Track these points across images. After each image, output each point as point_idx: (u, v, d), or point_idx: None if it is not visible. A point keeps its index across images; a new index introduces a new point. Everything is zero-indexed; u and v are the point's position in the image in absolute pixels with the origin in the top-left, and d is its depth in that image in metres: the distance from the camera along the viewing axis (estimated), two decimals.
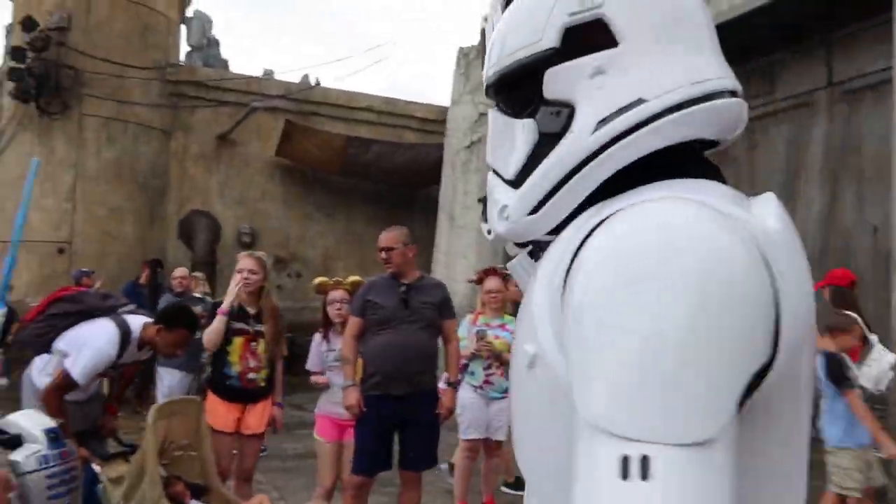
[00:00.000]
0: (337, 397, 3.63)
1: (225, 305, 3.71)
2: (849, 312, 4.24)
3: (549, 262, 0.77)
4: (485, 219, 0.92)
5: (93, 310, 3.49)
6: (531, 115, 0.83)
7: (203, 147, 12.37)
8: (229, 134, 12.22)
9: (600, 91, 0.79)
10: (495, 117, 0.89)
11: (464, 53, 11.36)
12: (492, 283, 4.14)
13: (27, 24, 10.29)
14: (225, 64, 14.06)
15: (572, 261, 0.70)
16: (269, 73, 13.67)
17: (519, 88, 0.84)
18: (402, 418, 3.39)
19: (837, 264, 5.59)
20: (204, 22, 13.97)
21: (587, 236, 0.70)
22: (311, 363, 3.85)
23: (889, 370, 4.19)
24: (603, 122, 0.77)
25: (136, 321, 3.42)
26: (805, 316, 0.67)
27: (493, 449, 4.02)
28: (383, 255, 3.66)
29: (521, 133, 0.84)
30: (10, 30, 26.66)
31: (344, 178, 12.99)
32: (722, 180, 0.80)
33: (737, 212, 0.68)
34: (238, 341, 3.72)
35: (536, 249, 0.89)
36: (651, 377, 0.58)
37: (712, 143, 0.87)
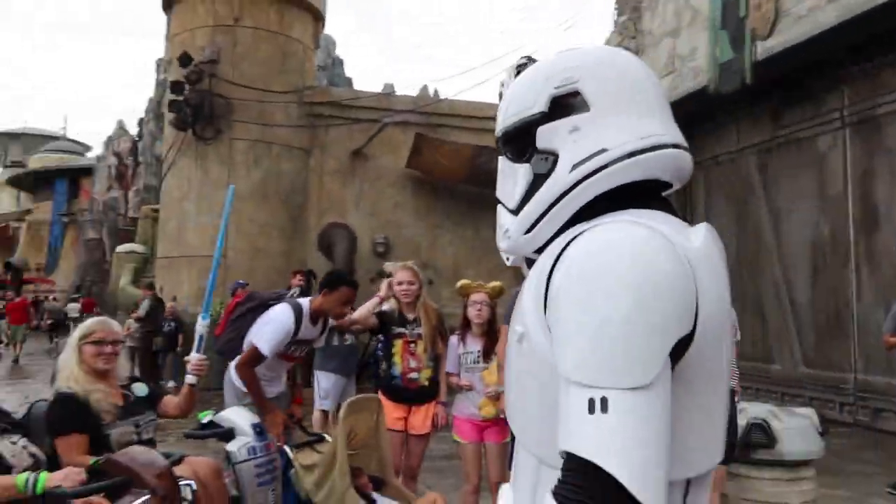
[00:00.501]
0: (474, 399, 3.82)
1: (382, 292, 4.10)
2: None
3: (536, 268, 1.05)
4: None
5: (266, 301, 3.91)
6: (527, 161, 1.11)
7: (339, 162, 13.08)
8: (362, 149, 12.85)
9: (575, 143, 1.07)
10: (502, 161, 1.18)
11: None
12: None
13: (183, 59, 11.35)
14: (349, 81, 14.78)
15: (553, 266, 0.97)
16: (389, 88, 14.25)
17: (518, 141, 1.13)
18: None
19: None
20: (329, 43, 14.79)
21: (564, 248, 0.97)
22: (450, 365, 4.06)
23: None
24: (576, 165, 1.06)
25: (304, 300, 3.81)
26: (717, 313, 0.94)
27: None
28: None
29: (520, 174, 1.12)
30: (160, 65, 28.79)
31: (470, 187, 13.32)
32: (672, 211, 1.08)
33: (671, 234, 0.95)
34: (398, 343, 4.02)
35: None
36: (605, 343, 0.86)
37: (668, 185, 1.14)
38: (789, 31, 7.88)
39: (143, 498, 2.01)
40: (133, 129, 30.95)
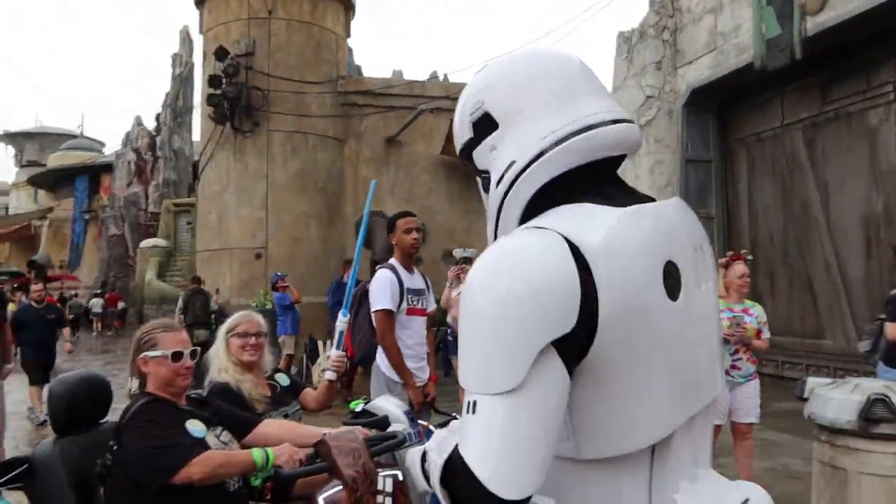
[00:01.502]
0: None
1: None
2: None
3: None
4: None
5: (363, 289, 3.97)
6: (480, 180, 1.21)
7: (373, 151, 13.11)
8: (396, 136, 12.87)
9: (495, 161, 1.15)
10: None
11: (625, 38, 11.28)
12: (740, 268, 4.19)
13: (219, 53, 11.38)
14: (358, 70, 14.76)
15: None
16: (397, 74, 14.22)
17: (469, 163, 1.23)
18: None
19: None
20: None
21: None
22: None
23: None
24: (498, 182, 1.14)
25: (390, 260, 3.87)
26: (633, 298, 0.99)
27: (742, 432, 4.11)
28: None
29: (481, 192, 1.23)
30: (175, 59, 28.78)
31: None
32: (616, 191, 1.15)
33: (574, 232, 1.00)
34: None
35: None
36: (473, 355, 0.98)
37: (622, 157, 1.19)
38: (843, 6, 7.81)
39: (335, 490, 2.04)
40: (150, 125, 31.06)
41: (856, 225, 8.88)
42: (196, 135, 31.68)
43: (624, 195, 1.16)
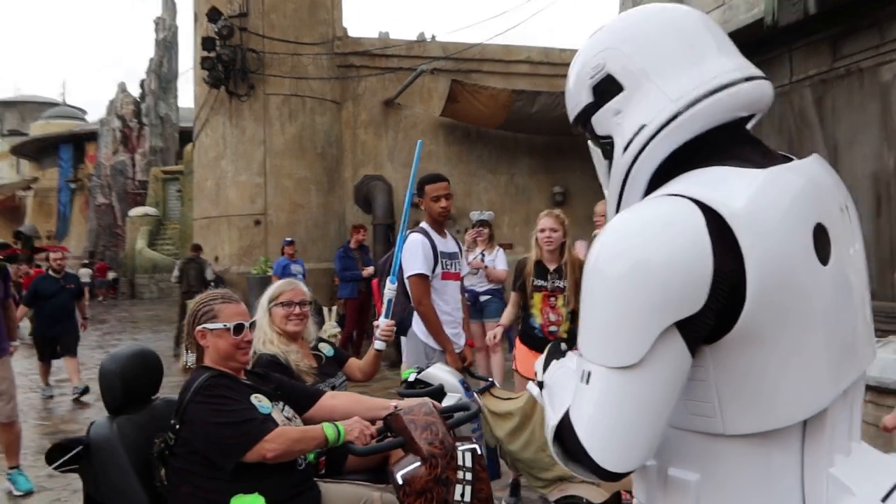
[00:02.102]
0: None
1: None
2: None
3: None
4: None
5: (391, 256, 3.87)
6: (598, 146, 1.18)
7: (371, 114, 12.86)
8: (395, 99, 12.61)
9: (620, 125, 1.10)
10: (590, 146, 1.23)
11: None
12: None
13: (212, 15, 11.03)
14: (344, 31, 14.38)
15: None
16: (384, 35, 13.90)
17: (586, 130, 1.19)
18: None
19: None
20: None
21: None
22: None
23: None
24: (625, 147, 1.09)
25: (421, 224, 3.78)
26: (782, 270, 0.94)
27: None
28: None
29: (599, 159, 1.20)
30: (158, 24, 28.15)
31: (503, 132, 13.14)
32: (752, 150, 1.08)
33: (714, 197, 0.95)
34: (538, 297, 3.95)
35: None
36: (597, 326, 0.97)
37: (750, 116, 1.15)
38: None
39: (413, 465, 1.95)
40: (135, 92, 30.39)
41: (866, 182, 8.83)
42: (182, 101, 31.19)
43: (761, 155, 1.09)
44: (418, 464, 1.94)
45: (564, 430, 1.00)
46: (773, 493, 1.00)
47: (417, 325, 3.66)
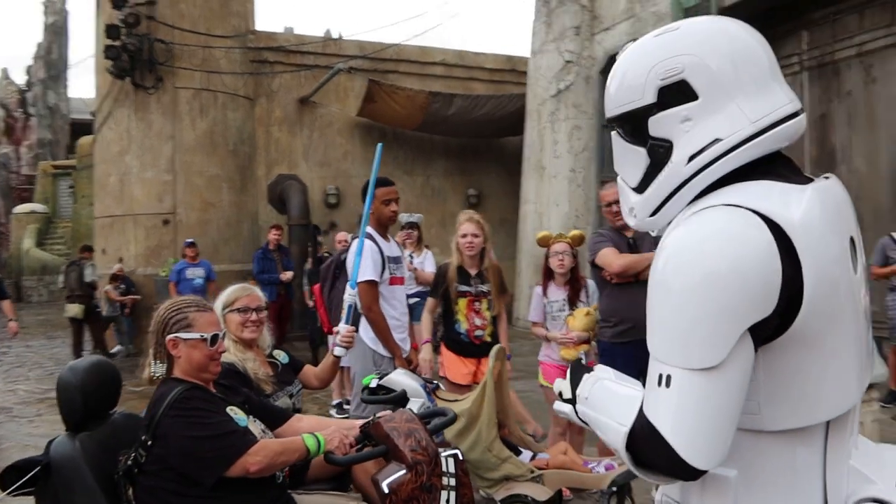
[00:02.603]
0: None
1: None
2: None
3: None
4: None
5: (339, 260, 3.81)
6: (643, 145, 1.19)
7: (285, 111, 12.58)
8: (310, 97, 12.40)
9: (688, 133, 1.13)
10: (616, 139, 1.25)
11: (544, 1, 11.32)
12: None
13: (116, 1, 10.44)
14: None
15: None
16: (289, 31, 13.71)
17: (630, 125, 1.20)
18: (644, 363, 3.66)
19: None
20: None
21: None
22: (535, 314, 4.10)
23: None
24: (692, 157, 1.12)
25: (367, 229, 3.73)
26: (829, 275, 1.03)
27: None
28: (614, 208, 3.65)
29: (638, 157, 1.20)
30: (48, 6, 26.32)
31: (420, 133, 13.17)
32: (789, 170, 1.15)
33: (772, 209, 1.03)
34: (463, 302, 3.96)
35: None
36: (677, 330, 1.01)
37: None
38: None
39: (398, 474, 1.95)
40: (20, 79, 28.33)
41: None
42: (73, 91, 29.27)
43: (792, 172, 1.17)
44: (403, 471, 1.93)
45: (637, 437, 1.04)
46: (798, 485, 1.08)
47: (365, 331, 3.62)
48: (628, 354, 3.65)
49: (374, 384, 2.78)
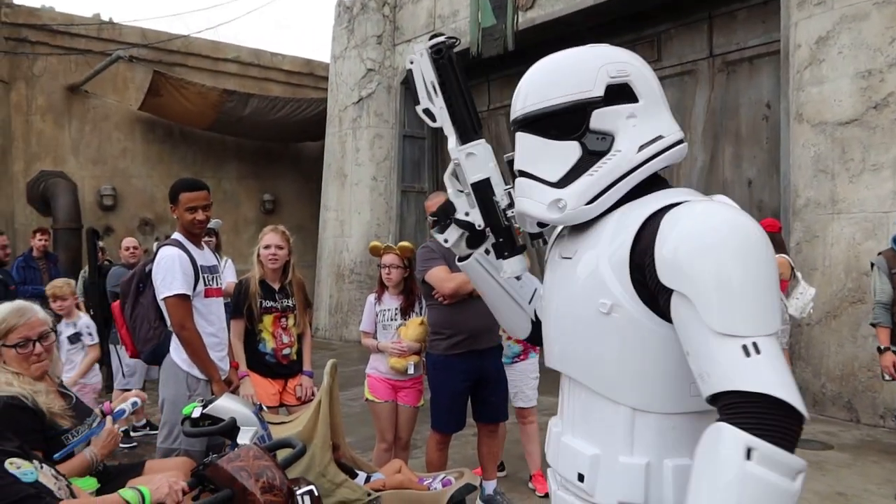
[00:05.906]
0: (388, 359, 3.76)
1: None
2: (781, 255, 5.17)
3: (600, 242, 1.23)
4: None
5: (143, 271, 3.33)
6: (575, 139, 1.25)
7: (50, 99, 11.10)
8: (82, 85, 11.08)
9: (634, 128, 1.25)
10: (528, 137, 1.29)
11: (346, 7, 11.17)
12: None
13: None
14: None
15: (635, 240, 1.16)
16: (48, 9, 12.39)
17: (565, 119, 1.26)
18: (484, 373, 3.63)
19: None
20: None
21: (643, 226, 1.17)
22: (366, 324, 3.92)
23: (811, 301, 5.19)
24: (642, 147, 1.25)
25: (174, 235, 3.34)
26: None
27: (523, 416, 4.32)
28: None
29: (566, 150, 1.26)
30: None
31: (211, 133, 12.35)
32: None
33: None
34: (268, 319, 3.66)
35: (538, 235, 1.41)
36: (747, 301, 1.06)
37: None
38: (550, 6, 8.77)
39: None
40: None
41: None
42: None
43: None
44: None
45: (761, 410, 1.01)
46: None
47: (177, 352, 3.19)
48: (465, 365, 3.62)
49: (196, 413, 2.42)
